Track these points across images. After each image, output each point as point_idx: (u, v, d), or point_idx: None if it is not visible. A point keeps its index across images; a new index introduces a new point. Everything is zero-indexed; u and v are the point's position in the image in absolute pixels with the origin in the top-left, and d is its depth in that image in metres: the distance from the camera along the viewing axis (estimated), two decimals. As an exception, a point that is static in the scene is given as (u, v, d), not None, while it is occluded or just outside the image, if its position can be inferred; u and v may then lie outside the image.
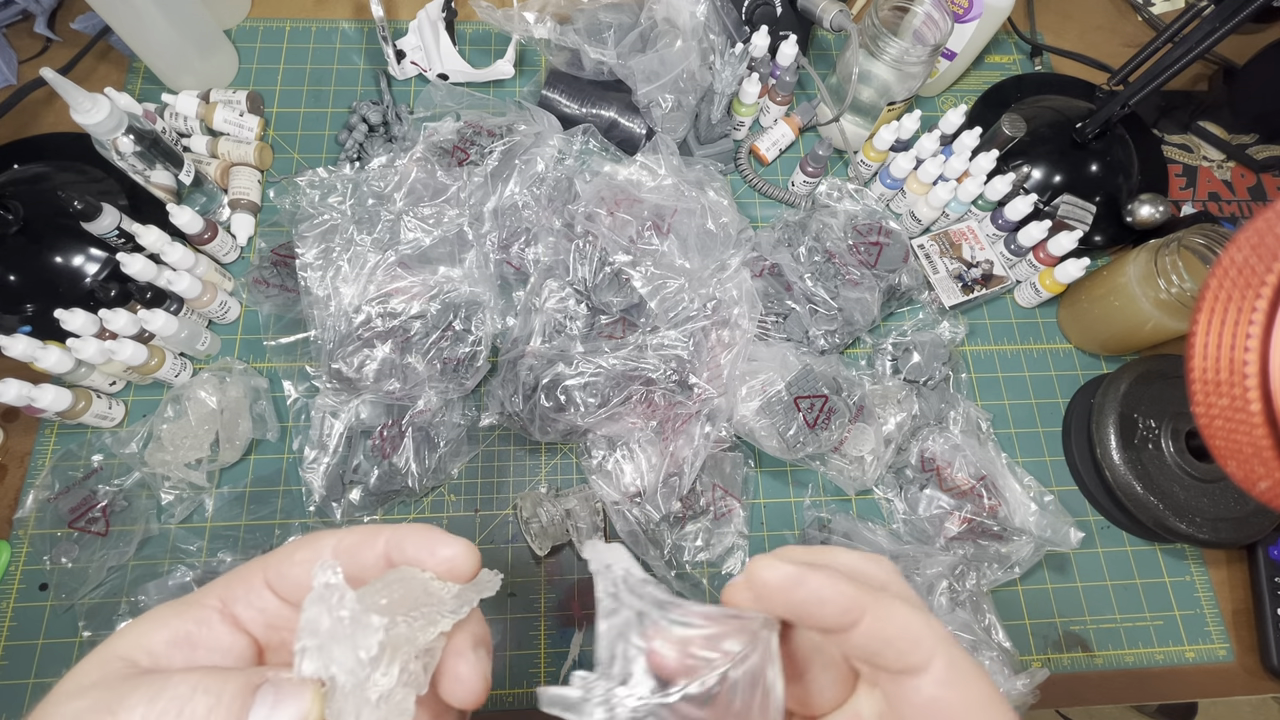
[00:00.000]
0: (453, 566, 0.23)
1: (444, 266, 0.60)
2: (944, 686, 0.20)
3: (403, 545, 0.23)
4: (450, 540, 0.23)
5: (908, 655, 0.20)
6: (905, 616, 0.20)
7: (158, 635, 0.21)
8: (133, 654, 0.21)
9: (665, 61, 0.63)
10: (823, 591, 0.20)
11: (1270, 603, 0.59)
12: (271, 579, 0.23)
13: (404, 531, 0.23)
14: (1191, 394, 0.19)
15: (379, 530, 0.23)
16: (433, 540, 0.23)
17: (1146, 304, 0.60)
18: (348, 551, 0.23)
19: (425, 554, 0.23)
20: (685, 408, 0.57)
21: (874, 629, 0.20)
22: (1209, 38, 0.58)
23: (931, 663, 0.20)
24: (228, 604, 0.23)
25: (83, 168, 0.63)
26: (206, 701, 0.19)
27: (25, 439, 0.59)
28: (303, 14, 0.77)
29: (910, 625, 0.20)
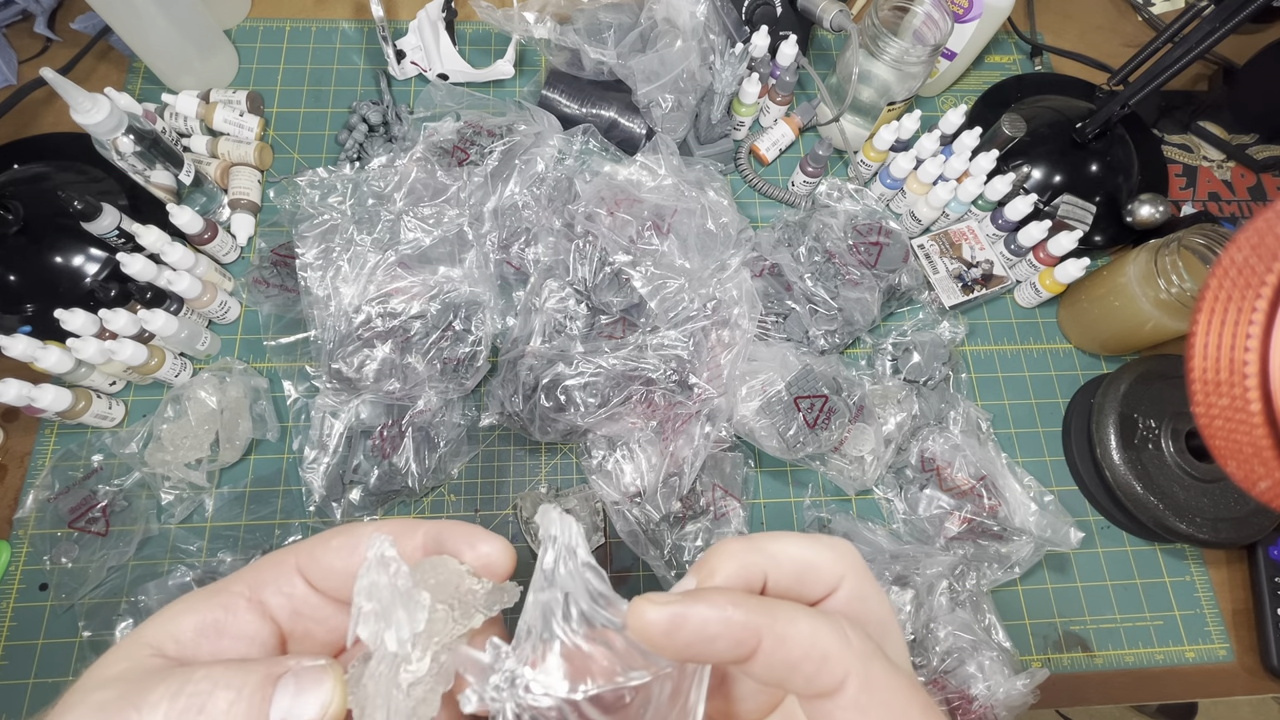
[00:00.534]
0: (490, 563, 0.22)
1: (444, 266, 0.60)
2: (859, 712, 0.18)
3: (441, 538, 0.23)
4: (489, 537, 0.23)
5: (816, 679, 0.18)
6: (811, 634, 0.18)
7: (186, 622, 0.21)
8: (161, 642, 0.21)
9: (665, 61, 0.63)
10: (707, 628, 0.18)
11: (1270, 603, 0.59)
12: (303, 564, 0.23)
13: (443, 525, 0.23)
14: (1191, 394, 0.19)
15: (418, 523, 0.23)
16: (472, 535, 0.23)
17: (1146, 304, 0.60)
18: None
19: (465, 547, 0.22)
20: (685, 408, 0.57)
21: (775, 654, 0.18)
22: (1209, 38, 0.58)
23: (845, 683, 0.18)
24: (256, 590, 0.22)
25: (83, 168, 0.63)
26: (228, 696, 0.19)
27: (25, 439, 0.59)
28: (303, 14, 0.77)
29: (817, 643, 0.18)
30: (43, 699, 0.52)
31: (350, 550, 0.22)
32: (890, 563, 0.55)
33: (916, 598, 0.53)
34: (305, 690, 0.19)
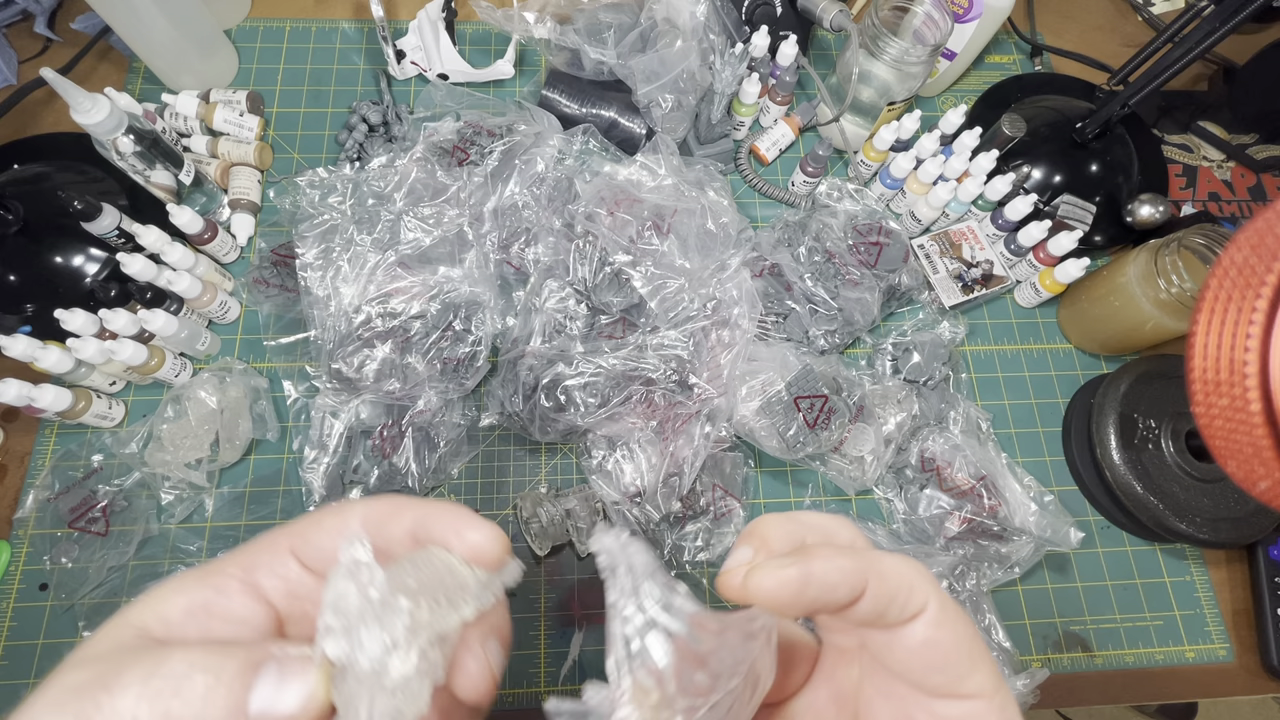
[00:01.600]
0: (479, 552, 0.21)
1: (444, 266, 0.60)
2: (937, 627, 0.20)
3: (429, 524, 0.22)
4: (479, 523, 0.22)
5: (909, 604, 0.20)
6: (898, 569, 0.20)
7: (175, 602, 0.20)
8: (147, 622, 0.20)
9: (665, 61, 0.63)
10: (829, 578, 0.19)
11: (1270, 603, 0.59)
12: (297, 546, 0.22)
13: (432, 509, 0.22)
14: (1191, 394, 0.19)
15: (407, 504, 0.22)
16: (461, 522, 0.22)
17: (1146, 304, 0.60)
18: (375, 523, 0.22)
19: (452, 535, 0.22)
20: (685, 408, 0.57)
21: (879, 590, 0.20)
22: (1209, 38, 0.58)
23: (929, 604, 0.20)
24: (249, 572, 0.22)
25: (83, 168, 0.63)
26: (205, 680, 0.18)
27: (25, 439, 0.59)
28: (303, 14, 0.77)
29: (905, 575, 0.20)
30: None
31: (342, 530, 0.22)
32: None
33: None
34: (288, 680, 0.18)
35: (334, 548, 0.21)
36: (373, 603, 0.19)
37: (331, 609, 0.19)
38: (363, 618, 0.18)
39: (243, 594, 0.21)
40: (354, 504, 0.23)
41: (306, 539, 0.22)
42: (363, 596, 0.19)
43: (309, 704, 0.18)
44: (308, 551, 0.22)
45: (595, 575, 0.58)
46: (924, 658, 0.20)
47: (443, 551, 0.21)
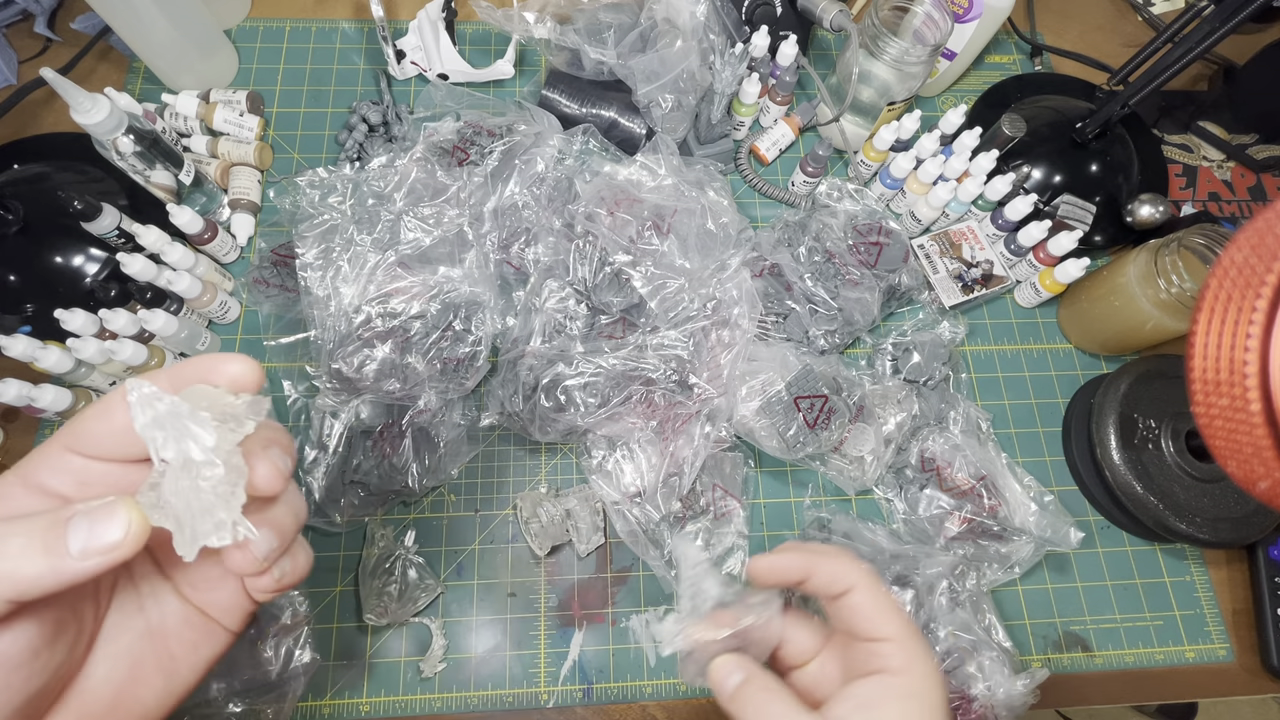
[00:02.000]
0: (241, 380, 0.25)
1: (444, 266, 0.60)
2: (859, 595, 0.33)
3: (185, 375, 0.24)
4: (232, 357, 0.25)
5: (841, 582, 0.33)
6: (834, 561, 0.34)
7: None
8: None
9: (665, 61, 0.63)
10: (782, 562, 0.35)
11: (1270, 603, 0.59)
12: (70, 443, 0.24)
13: (182, 365, 0.25)
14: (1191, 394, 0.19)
15: (158, 373, 0.25)
16: (215, 361, 0.25)
17: (1146, 304, 0.60)
18: None
19: (212, 373, 0.25)
20: (685, 408, 0.57)
21: (820, 574, 0.34)
22: (1209, 38, 0.58)
23: (856, 584, 0.33)
24: (28, 478, 0.24)
25: (83, 168, 0.63)
26: (18, 540, 0.20)
27: (25, 439, 0.59)
28: (303, 14, 0.77)
29: (838, 564, 0.34)
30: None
31: (106, 413, 0.24)
32: (890, 563, 0.55)
33: (916, 598, 0.53)
34: (99, 522, 0.21)
35: (105, 429, 0.24)
36: (185, 414, 0.22)
37: (154, 425, 0.22)
38: (183, 422, 0.22)
39: (27, 495, 0.24)
40: (112, 391, 0.26)
41: (77, 434, 0.24)
42: (173, 412, 0.22)
43: (129, 529, 0.21)
44: (84, 442, 0.24)
45: (595, 575, 0.58)
46: (853, 615, 0.33)
47: (207, 387, 0.24)
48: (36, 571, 0.21)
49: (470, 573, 0.58)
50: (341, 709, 0.53)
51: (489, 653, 0.56)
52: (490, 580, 0.58)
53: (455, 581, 0.57)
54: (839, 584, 0.33)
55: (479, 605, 0.57)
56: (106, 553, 0.21)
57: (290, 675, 0.52)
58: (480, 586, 0.57)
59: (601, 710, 0.55)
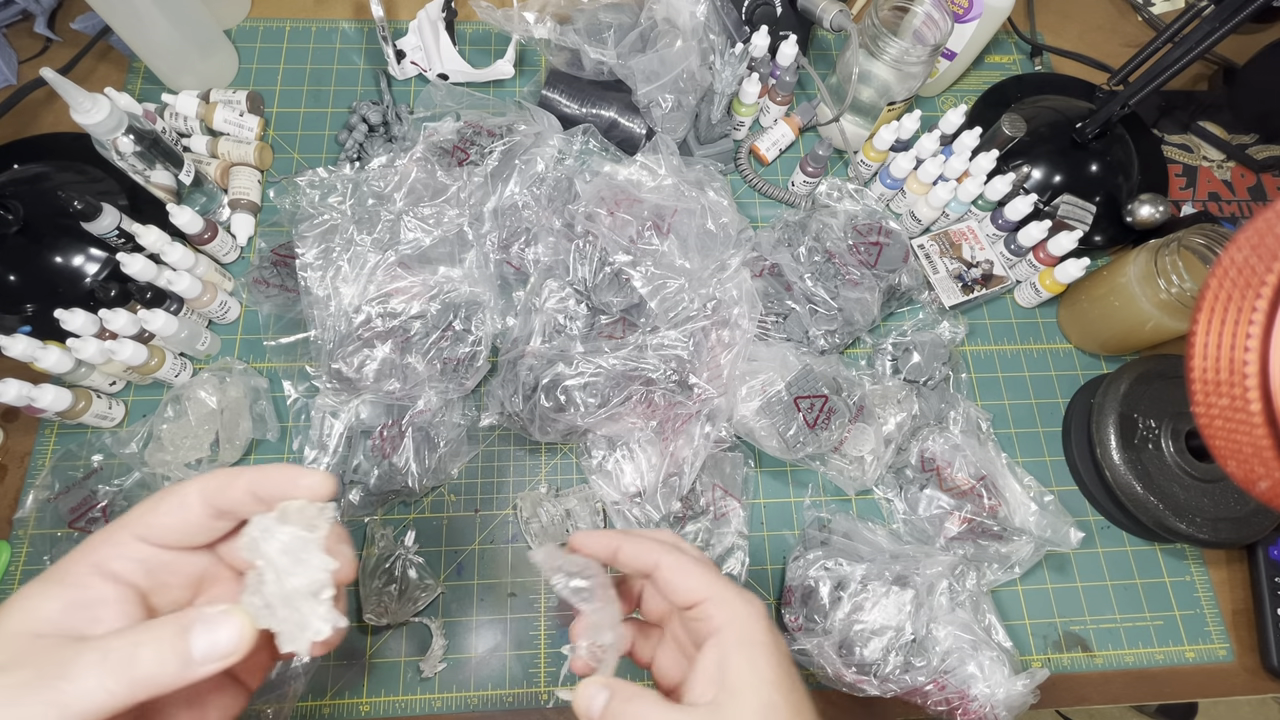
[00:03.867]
0: (316, 491, 0.27)
1: (444, 266, 0.60)
2: (662, 570, 0.33)
3: (264, 485, 0.27)
4: (308, 473, 0.27)
5: (646, 562, 0.34)
6: (638, 544, 0.34)
7: (49, 607, 0.24)
8: (32, 627, 0.23)
9: (665, 61, 0.63)
10: (589, 543, 0.35)
11: (1270, 603, 0.59)
12: (141, 532, 0.26)
13: (261, 473, 0.27)
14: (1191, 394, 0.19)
15: (236, 473, 0.27)
16: (293, 475, 0.27)
17: (1146, 304, 0.60)
18: (213, 494, 0.27)
19: (290, 486, 0.27)
20: (685, 408, 0.57)
21: (627, 555, 0.35)
22: (1209, 38, 0.58)
23: (659, 562, 0.33)
24: (99, 565, 0.25)
25: (83, 168, 0.63)
26: (150, 650, 0.23)
27: (25, 439, 0.59)
28: (303, 14, 0.77)
29: (641, 546, 0.34)
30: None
31: (181, 508, 0.26)
32: (890, 563, 0.55)
33: (916, 598, 0.53)
34: (217, 627, 0.24)
35: (177, 523, 0.26)
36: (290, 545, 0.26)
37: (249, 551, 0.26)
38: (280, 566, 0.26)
39: (105, 584, 0.25)
40: (186, 484, 0.27)
41: (150, 525, 0.26)
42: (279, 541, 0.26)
43: (243, 634, 0.24)
44: (154, 533, 0.26)
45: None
46: (666, 589, 0.33)
47: (297, 501, 0.27)
48: (169, 676, 0.23)
49: (470, 573, 0.58)
50: (341, 709, 0.53)
51: (489, 653, 0.56)
52: (490, 580, 0.58)
53: (455, 581, 0.57)
54: (643, 561, 0.34)
55: (479, 605, 0.57)
56: (223, 658, 0.24)
57: (290, 675, 0.52)
58: (480, 586, 0.57)
59: (601, 710, 0.55)
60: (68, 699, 0.21)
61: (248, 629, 0.24)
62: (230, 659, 0.24)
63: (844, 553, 0.56)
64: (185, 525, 0.27)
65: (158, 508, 0.26)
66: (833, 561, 0.56)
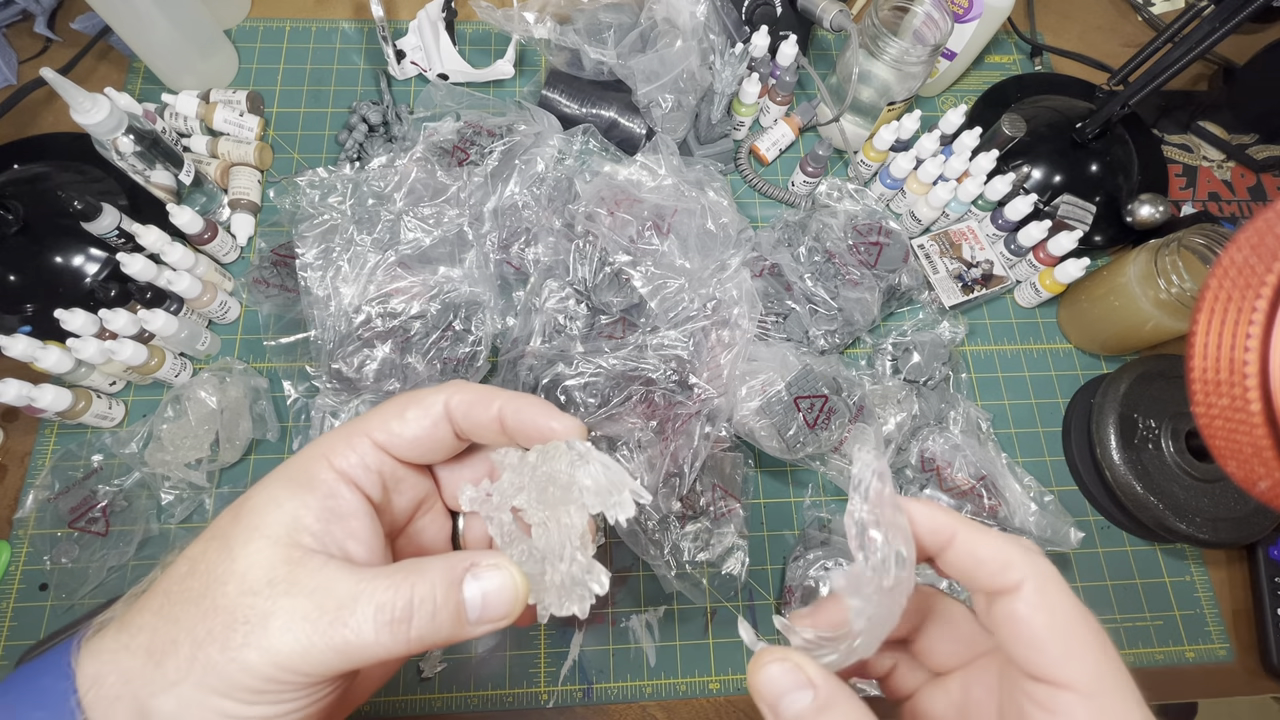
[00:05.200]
0: (570, 436, 0.25)
1: (444, 266, 0.60)
2: (1031, 606, 0.20)
3: (519, 411, 0.24)
4: (560, 415, 0.24)
5: (998, 576, 0.21)
6: (994, 540, 0.22)
7: (307, 516, 0.22)
8: (296, 537, 0.22)
9: (665, 61, 0.63)
10: (917, 514, 0.23)
11: (1270, 603, 0.59)
12: (381, 439, 0.24)
13: (515, 400, 0.24)
14: (1191, 394, 0.19)
15: (493, 394, 0.24)
16: (548, 412, 0.24)
17: (1146, 304, 0.60)
18: (463, 409, 0.24)
19: (542, 424, 0.24)
20: (685, 408, 0.57)
21: (964, 548, 0.22)
22: (1209, 38, 0.58)
23: (1022, 585, 0.21)
24: (345, 473, 0.24)
25: (83, 168, 0.63)
26: (424, 589, 0.21)
27: (25, 439, 0.59)
28: (303, 14, 0.77)
29: (1000, 548, 0.21)
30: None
31: (425, 417, 0.24)
32: (890, 563, 0.55)
33: (916, 598, 0.52)
34: (488, 577, 0.22)
35: (416, 434, 0.24)
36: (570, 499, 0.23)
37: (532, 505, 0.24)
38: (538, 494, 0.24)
39: (350, 492, 0.23)
40: (433, 392, 0.24)
41: (392, 431, 0.24)
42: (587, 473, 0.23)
43: (517, 596, 0.22)
44: (395, 443, 0.24)
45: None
46: (1015, 632, 0.21)
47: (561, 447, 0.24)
48: (442, 637, 0.21)
49: (470, 573, 0.58)
50: (341, 709, 0.53)
51: (489, 653, 0.56)
52: (490, 580, 0.58)
53: (455, 581, 0.57)
54: (994, 574, 0.21)
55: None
56: (497, 620, 0.22)
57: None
58: (480, 586, 0.57)
59: (601, 710, 0.55)
60: (350, 648, 0.20)
61: (522, 587, 0.22)
62: (504, 621, 0.22)
63: (844, 553, 0.56)
64: (429, 438, 0.24)
65: (404, 414, 0.24)
66: (833, 561, 0.56)
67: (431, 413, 0.24)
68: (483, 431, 0.25)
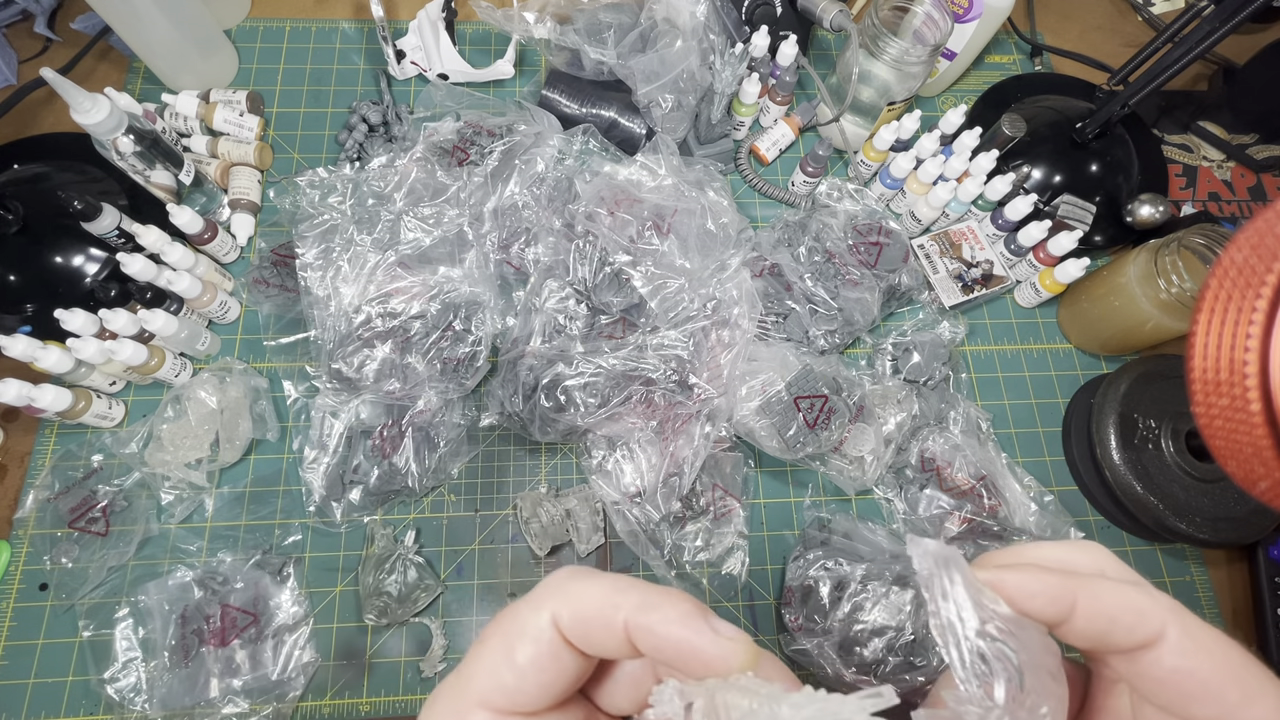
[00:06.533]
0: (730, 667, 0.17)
1: (444, 266, 0.60)
2: (1183, 655, 0.18)
3: (654, 629, 0.18)
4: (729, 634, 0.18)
5: (1136, 629, 0.18)
6: (1122, 592, 0.19)
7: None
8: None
9: (665, 61, 0.63)
10: (1026, 586, 0.19)
11: (1270, 603, 0.59)
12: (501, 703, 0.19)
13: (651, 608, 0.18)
14: (1191, 394, 0.19)
15: (614, 596, 0.18)
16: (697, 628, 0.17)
17: (1146, 304, 0.60)
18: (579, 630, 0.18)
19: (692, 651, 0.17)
20: (685, 408, 0.57)
21: (1092, 609, 0.19)
22: (1209, 38, 0.58)
23: (1165, 632, 0.18)
24: None
25: (83, 168, 0.63)
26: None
27: (25, 439, 0.59)
28: (303, 14, 0.77)
29: (1130, 598, 0.19)
30: (43, 699, 0.52)
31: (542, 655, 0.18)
32: (890, 563, 0.55)
33: (916, 598, 0.52)
34: None
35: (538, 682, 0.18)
36: None
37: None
38: None
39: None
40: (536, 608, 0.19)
41: (504, 687, 0.19)
42: None
43: None
44: (514, 699, 0.19)
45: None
46: (1177, 687, 0.18)
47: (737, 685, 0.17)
48: None
49: (470, 573, 0.58)
50: (341, 709, 0.53)
51: (489, 653, 0.56)
52: (490, 580, 0.58)
53: (455, 581, 0.57)
54: (1130, 629, 0.19)
55: (479, 605, 0.57)
56: None
57: (290, 675, 0.52)
58: (480, 586, 0.57)
59: (601, 710, 0.55)
60: None
61: None
62: None
63: (844, 553, 0.56)
64: (554, 680, 0.18)
65: (512, 656, 0.18)
66: (833, 561, 0.56)
67: (543, 643, 0.18)
68: (613, 653, 0.18)
